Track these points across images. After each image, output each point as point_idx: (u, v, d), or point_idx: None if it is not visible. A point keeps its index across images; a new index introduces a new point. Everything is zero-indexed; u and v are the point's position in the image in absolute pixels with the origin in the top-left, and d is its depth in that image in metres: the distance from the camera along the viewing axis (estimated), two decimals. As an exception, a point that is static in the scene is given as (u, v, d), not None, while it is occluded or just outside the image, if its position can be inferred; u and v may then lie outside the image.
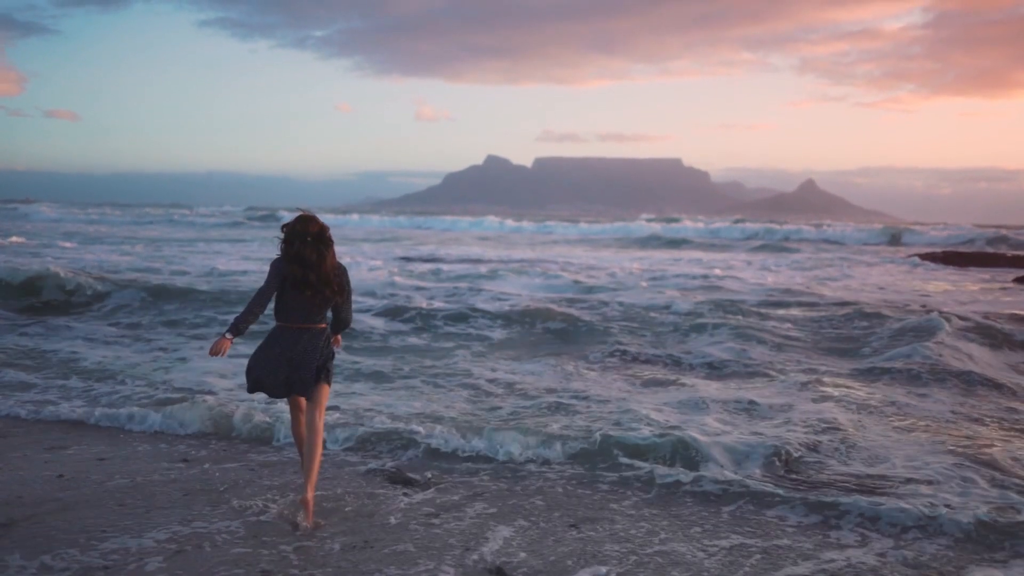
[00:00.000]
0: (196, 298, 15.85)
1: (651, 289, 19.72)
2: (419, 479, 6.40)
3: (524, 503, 5.97)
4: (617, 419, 7.85)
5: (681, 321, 14.41)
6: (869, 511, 5.62)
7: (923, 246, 46.04)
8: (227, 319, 14.03)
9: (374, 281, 19.73)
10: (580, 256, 34.27)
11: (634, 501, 6.02)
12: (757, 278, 23.74)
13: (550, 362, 11.22)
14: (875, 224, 72.55)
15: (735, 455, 6.83)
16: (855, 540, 5.34)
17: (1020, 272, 27.19)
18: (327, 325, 5.55)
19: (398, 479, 6.39)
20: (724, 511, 5.81)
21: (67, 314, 15.00)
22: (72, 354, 11.21)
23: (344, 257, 30.19)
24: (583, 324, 13.90)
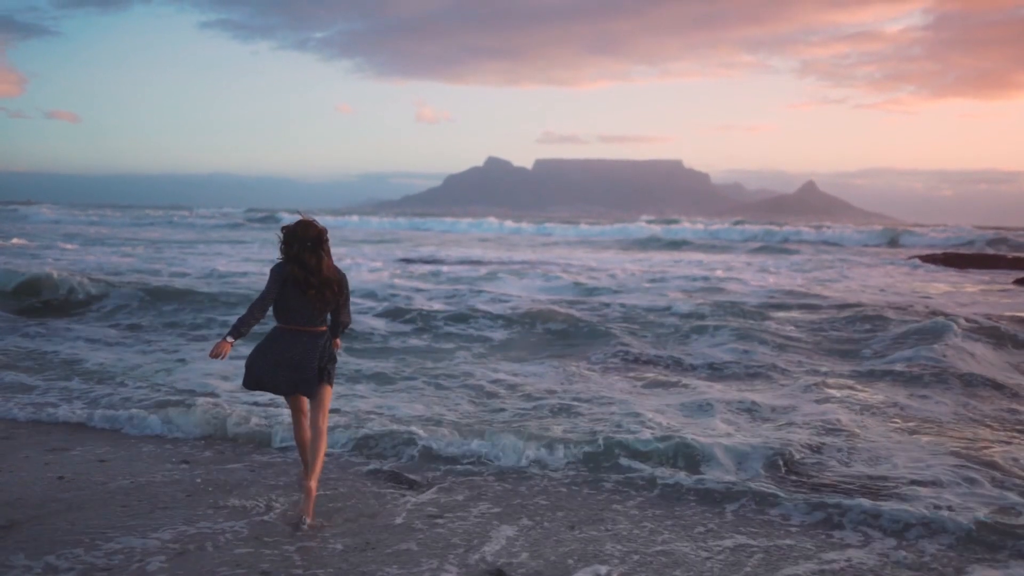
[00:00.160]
0: (196, 299, 15.87)
1: (652, 290, 19.73)
2: (421, 480, 6.41)
3: (528, 503, 5.98)
4: (619, 421, 7.85)
5: (682, 323, 14.41)
6: (871, 512, 5.62)
7: (923, 248, 46.03)
8: (227, 320, 14.04)
9: (375, 282, 19.74)
10: (580, 257, 34.27)
11: (637, 502, 6.02)
12: (758, 280, 23.74)
13: (552, 364, 11.22)
14: (875, 226, 72.53)
15: (737, 456, 6.84)
16: (856, 540, 5.34)
17: (1020, 274, 27.19)
18: (327, 328, 5.63)
19: (400, 480, 6.39)
20: (726, 512, 5.82)
21: (67, 316, 15.01)
22: (73, 356, 11.21)
23: (345, 259, 30.14)
24: (584, 325, 13.89)
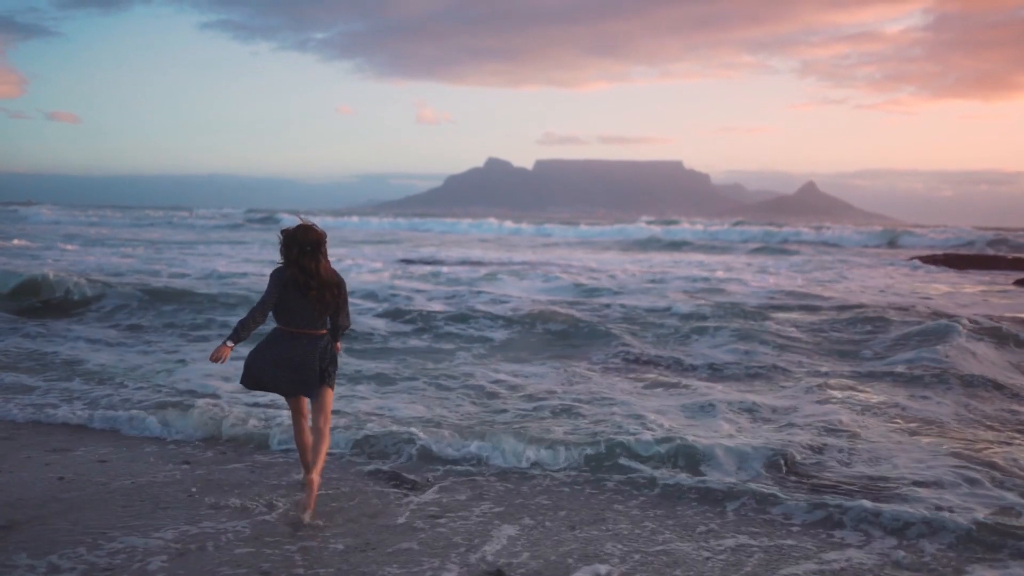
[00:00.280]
0: (196, 300, 15.86)
1: (652, 291, 19.73)
2: (422, 481, 6.41)
3: (530, 502, 5.99)
4: (621, 422, 7.85)
5: (683, 323, 14.41)
6: (871, 512, 5.62)
7: (923, 248, 46.03)
8: (227, 320, 14.04)
9: (375, 283, 19.74)
10: (580, 258, 34.28)
11: (638, 502, 6.03)
12: (758, 280, 23.74)
13: (553, 364, 11.22)
14: (875, 226, 72.50)
15: (738, 457, 6.84)
16: (857, 541, 5.35)
17: (1020, 275, 27.19)
18: (327, 332, 5.69)
19: (402, 481, 6.39)
20: (727, 512, 5.82)
21: (67, 316, 15.02)
22: (73, 356, 11.22)
23: (345, 259, 30.10)
24: (585, 326, 13.89)
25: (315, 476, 5.54)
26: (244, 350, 5.97)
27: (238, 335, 5.39)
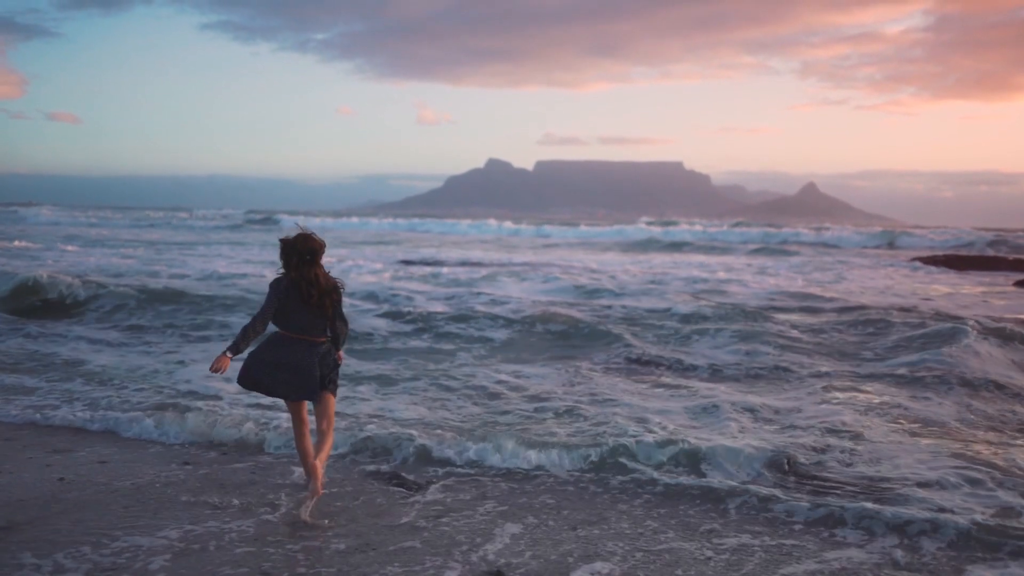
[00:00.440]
0: (196, 301, 15.84)
1: (653, 292, 19.73)
2: (424, 482, 6.41)
3: (533, 501, 6.01)
4: (623, 423, 7.84)
5: (684, 324, 14.40)
6: (873, 512, 5.62)
7: (923, 249, 46.03)
8: (227, 321, 14.04)
9: (375, 284, 19.74)
10: (581, 259, 34.28)
11: (640, 502, 6.03)
12: (759, 281, 23.74)
13: (554, 365, 11.22)
14: (875, 227, 72.52)
15: (741, 458, 6.83)
16: (858, 541, 5.35)
17: (1021, 276, 27.19)
18: (327, 340, 5.75)
19: (404, 482, 6.39)
20: (729, 512, 5.82)
21: (68, 317, 15.01)
22: (74, 358, 11.22)
23: (345, 260, 30.04)
24: (586, 327, 13.87)
25: (319, 463, 5.62)
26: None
27: (238, 346, 5.48)
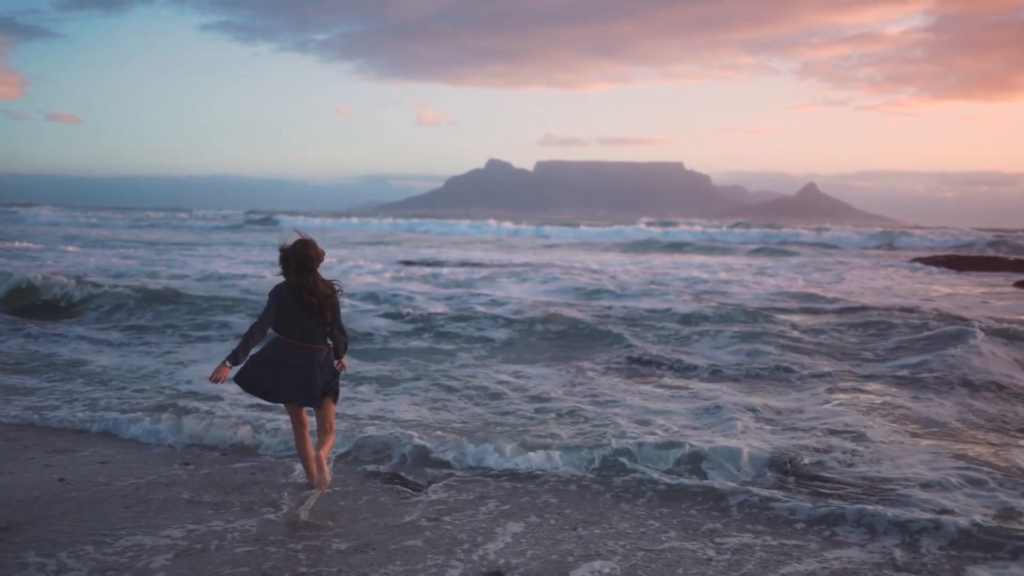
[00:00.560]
0: (196, 302, 15.82)
1: (654, 292, 19.71)
2: (425, 483, 6.41)
3: (536, 500, 6.02)
4: (625, 424, 7.84)
5: (685, 324, 14.40)
6: (874, 513, 5.62)
7: (923, 250, 46.02)
8: (227, 322, 14.03)
9: (375, 284, 19.74)
10: (581, 259, 34.28)
11: (642, 502, 6.03)
12: (759, 282, 23.74)
13: (555, 366, 11.21)
14: (875, 227, 72.51)
15: (742, 458, 6.82)
16: (859, 541, 5.35)
17: (1021, 276, 27.17)
18: (326, 348, 5.81)
19: (405, 482, 6.39)
20: (730, 513, 5.82)
21: (68, 318, 15.01)
22: (75, 358, 11.21)
23: (346, 261, 30.00)
24: (586, 327, 13.85)
25: (323, 453, 5.79)
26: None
27: (237, 356, 5.53)
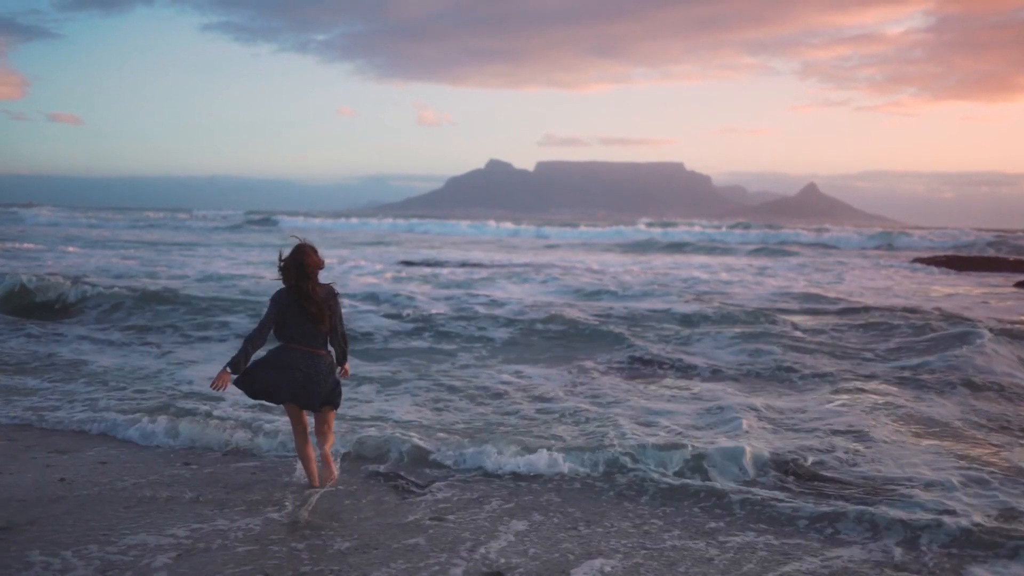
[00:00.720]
0: (196, 302, 15.83)
1: (655, 293, 19.71)
2: (426, 483, 6.40)
3: (540, 499, 6.02)
4: (626, 424, 7.83)
5: (687, 325, 14.40)
6: (875, 513, 5.61)
7: (923, 250, 46.02)
8: (227, 322, 14.03)
9: (375, 285, 19.73)
10: (582, 260, 34.27)
11: (644, 501, 6.03)
12: (760, 282, 23.75)
13: (557, 366, 11.20)
14: (875, 228, 72.53)
15: (745, 459, 6.80)
16: (861, 540, 5.34)
17: (1021, 277, 27.16)
18: (328, 353, 5.85)
19: (407, 482, 6.39)
20: (733, 512, 5.81)
21: (69, 319, 15.01)
22: (76, 359, 11.21)
23: (346, 261, 29.99)
24: (587, 328, 13.86)
25: (326, 449, 5.96)
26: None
27: (237, 364, 5.55)
